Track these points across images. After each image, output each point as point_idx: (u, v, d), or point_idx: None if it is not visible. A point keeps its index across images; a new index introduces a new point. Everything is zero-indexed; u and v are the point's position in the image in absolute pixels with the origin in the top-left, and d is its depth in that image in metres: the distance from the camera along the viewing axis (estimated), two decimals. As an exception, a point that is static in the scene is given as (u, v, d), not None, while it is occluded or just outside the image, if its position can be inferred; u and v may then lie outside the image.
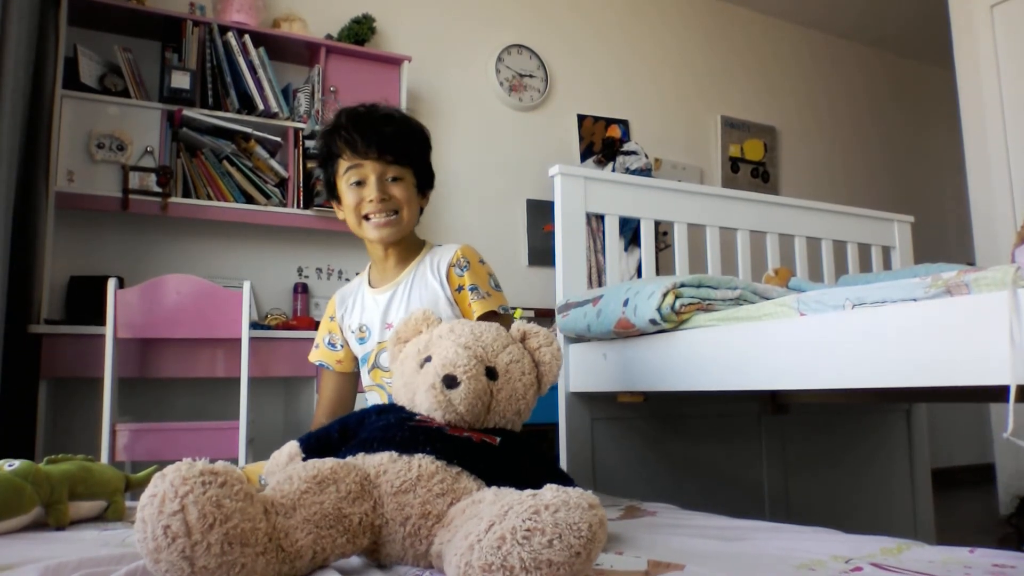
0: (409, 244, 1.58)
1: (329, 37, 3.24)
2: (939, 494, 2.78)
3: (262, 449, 2.29)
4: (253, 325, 2.52)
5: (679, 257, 2.31)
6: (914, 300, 1.22)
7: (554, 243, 2.10)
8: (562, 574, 0.70)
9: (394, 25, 3.55)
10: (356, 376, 1.66)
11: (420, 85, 3.56)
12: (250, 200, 2.93)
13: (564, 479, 1.17)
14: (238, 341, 2.35)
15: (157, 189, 2.73)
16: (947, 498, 3.66)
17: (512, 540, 0.71)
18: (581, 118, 4.01)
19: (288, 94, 3.09)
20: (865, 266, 2.75)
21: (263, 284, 3.11)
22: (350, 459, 0.99)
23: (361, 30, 3.30)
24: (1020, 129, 3.05)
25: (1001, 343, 1.05)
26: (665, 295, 1.63)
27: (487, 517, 0.75)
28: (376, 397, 1.56)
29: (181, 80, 2.80)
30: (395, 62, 3.30)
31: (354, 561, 0.95)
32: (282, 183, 3.00)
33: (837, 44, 5.11)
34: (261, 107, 2.96)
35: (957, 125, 3.29)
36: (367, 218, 1.49)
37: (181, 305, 2.32)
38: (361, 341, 1.59)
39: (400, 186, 1.49)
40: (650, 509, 1.42)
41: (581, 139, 3.98)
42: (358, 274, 1.71)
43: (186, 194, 2.82)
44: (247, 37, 2.97)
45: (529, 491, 0.77)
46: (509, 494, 0.81)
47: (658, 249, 2.81)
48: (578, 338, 2.00)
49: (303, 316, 3.06)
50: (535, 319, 3.44)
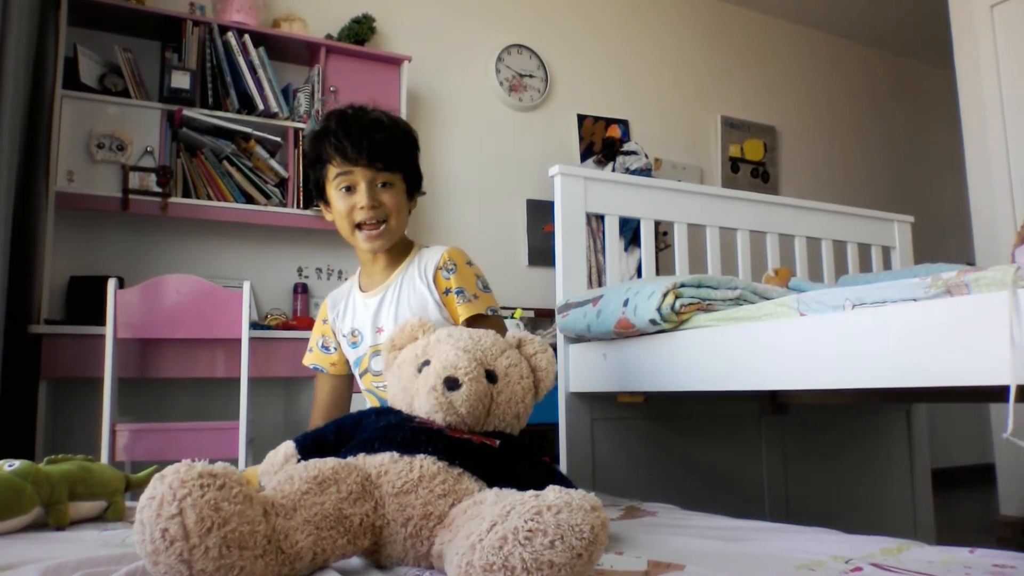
0: (398, 247, 1.57)
1: (329, 37, 3.23)
2: (939, 494, 2.78)
3: (262, 449, 2.28)
4: (253, 325, 2.52)
5: (679, 257, 2.31)
6: (914, 300, 1.22)
7: (554, 243, 2.10)
8: (563, 575, 0.70)
9: (394, 25, 3.55)
10: (351, 378, 1.66)
11: (420, 85, 3.56)
12: (250, 200, 2.93)
13: (564, 482, 1.17)
14: (238, 341, 2.35)
15: (157, 189, 2.72)
16: (947, 498, 3.66)
17: (514, 540, 0.71)
18: (581, 118, 4.01)
19: (288, 94, 3.09)
20: (865, 266, 2.75)
21: (263, 284, 3.11)
22: (351, 459, 0.99)
23: (361, 30, 3.30)
24: (1020, 129, 3.05)
25: (1001, 343, 1.05)
26: (665, 295, 1.63)
27: (489, 517, 0.75)
28: (369, 403, 1.56)
29: (181, 80, 2.79)
30: (395, 62, 3.29)
31: (354, 562, 0.95)
32: (282, 183, 3.00)
33: (837, 44, 5.11)
34: (261, 107, 2.96)
35: (957, 125, 3.29)
36: (359, 227, 1.48)
37: (181, 305, 2.32)
38: (353, 345, 1.58)
39: (390, 192, 1.48)
40: (650, 509, 1.43)
41: (581, 139, 3.98)
42: (347, 279, 1.70)
43: (186, 194, 2.82)
44: (247, 37, 2.97)
45: (531, 492, 0.77)
46: (511, 495, 0.81)
47: (658, 249, 2.81)
48: (578, 338, 2.00)
49: (303, 316, 3.06)
50: (535, 319, 3.45)
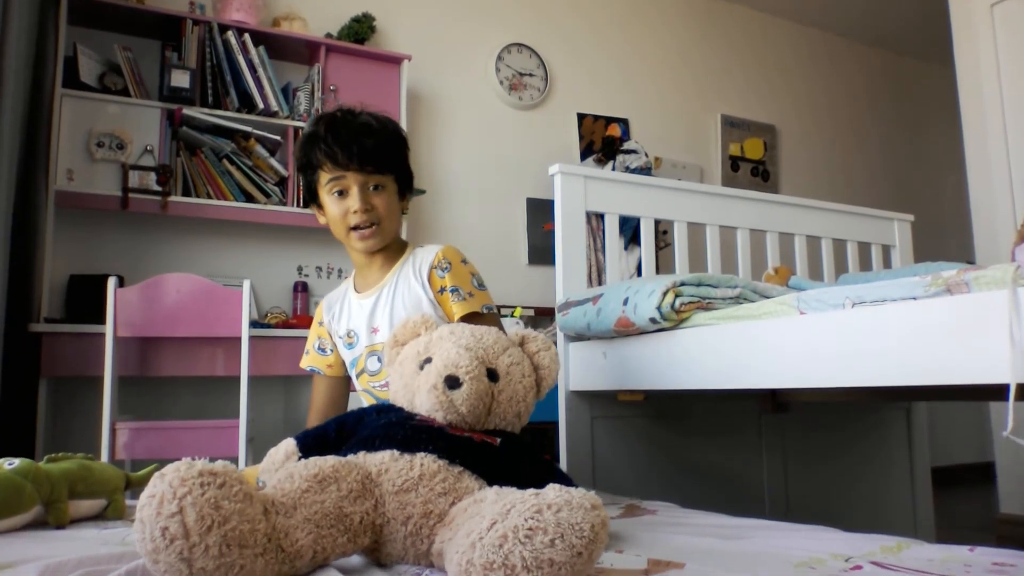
0: (392, 247, 1.58)
1: (329, 36, 3.23)
2: (939, 492, 2.78)
3: (262, 448, 2.28)
4: (253, 324, 2.52)
5: (679, 256, 2.31)
6: (914, 299, 1.22)
7: (554, 242, 2.10)
8: (563, 574, 0.70)
9: (394, 24, 3.55)
10: (347, 380, 1.66)
11: (420, 84, 3.56)
12: (250, 199, 2.93)
13: (565, 480, 1.17)
14: (238, 340, 2.35)
15: (157, 188, 2.72)
16: (947, 496, 3.66)
17: (514, 539, 0.71)
18: (581, 117, 4.01)
19: (288, 93, 3.09)
20: (865, 265, 2.75)
21: (263, 283, 3.10)
22: (351, 457, 0.99)
23: (361, 29, 3.30)
24: (1020, 129, 3.05)
25: (1001, 341, 1.05)
26: (665, 294, 1.63)
27: (489, 515, 0.75)
28: (365, 403, 1.56)
29: (181, 79, 2.79)
30: (395, 61, 3.29)
31: (354, 560, 0.95)
32: (282, 182, 3.00)
33: (837, 43, 5.10)
34: (261, 106, 2.96)
35: (957, 124, 3.29)
36: (354, 229, 1.49)
37: (181, 304, 2.32)
38: (349, 346, 1.59)
39: (382, 195, 1.48)
40: (650, 507, 1.43)
41: (581, 138, 3.98)
42: (345, 279, 1.70)
43: (186, 193, 2.81)
44: (247, 36, 2.97)
45: (532, 490, 0.77)
46: (511, 493, 0.81)
47: (658, 248, 2.81)
48: (578, 337, 2.00)
49: (303, 315, 3.06)
50: (535, 318, 3.45)
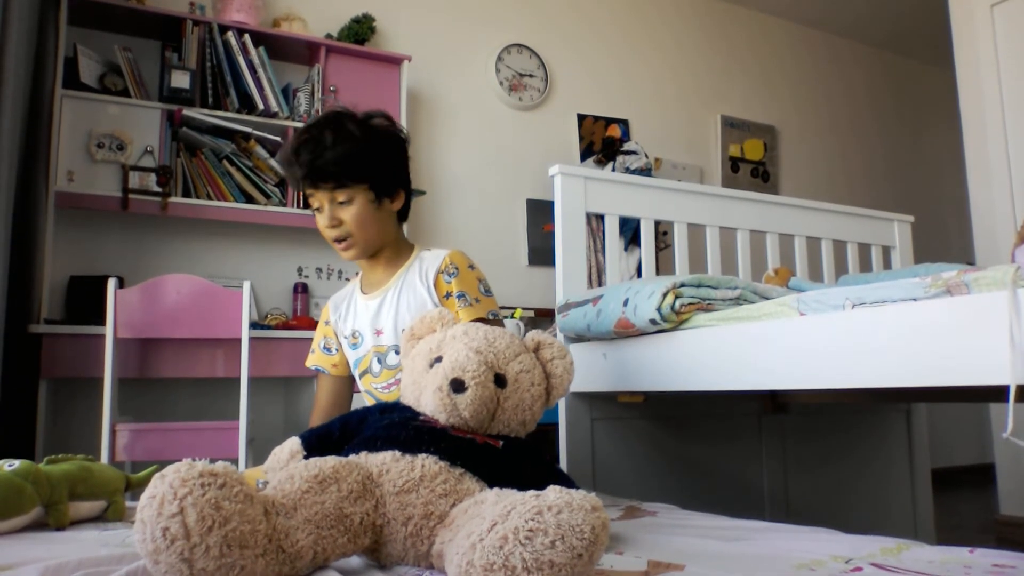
0: (397, 250, 1.59)
1: (329, 36, 3.23)
2: (939, 494, 2.78)
3: (262, 449, 2.28)
4: (253, 325, 2.52)
5: (679, 257, 2.31)
6: (914, 300, 1.22)
7: (554, 243, 2.10)
8: (564, 575, 0.70)
9: (394, 24, 3.55)
10: (352, 380, 1.67)
11: (420, 84, 3.56)
12: (250, 200, 2.93)
13: (566, 483, 1.17)
14: (238, 341, 2.35)
15: (157, 189, 2.72)
16: (947, 498, 3.66)
17: (514, 540, 0.71)
18: (581, 117, 4.01)
19: (288, 93, 3.09)
20: (865, 266, 2.75)
21: (263, 284, 3.10)
22: (352, 458, 0.99)
23: (361, 29, 3.30)
24: (1020, 128, 3.05)
25: (1001, 343, 1.05)
26: (665, 295, 1.63)
27: (489, 517, 0.75)
28: (367, 404, 1.56)
29: (181, 80, 2.79)
30: (395, 61, 3.29)
31: (354, 561, 0.95)
32: (282, 183, 3.00)
33: (837, 43, 5.11)
34: (261, 107, 2.96)
35: (957, 125, 3.29)
36: (335, 241, 1.51)
37: (181, 305, 2.32)
38: (354, 347, 1.60)
39: (349, 209, 1.48)
40: (650, 509, 1.43)
41: (581, 139, 3.98)
42: (355, 275, 1.71)
43: (186, 194, 2.81)
44: (247, 36, 2.96)
45: (532, 492, 0.77)
46: (512, 495, 0.81)
47: (658, 249, 2.81)
48: (578, 338, 2.00)
49: (303, 316, 3.06)
50: (535, 319, 3.45)
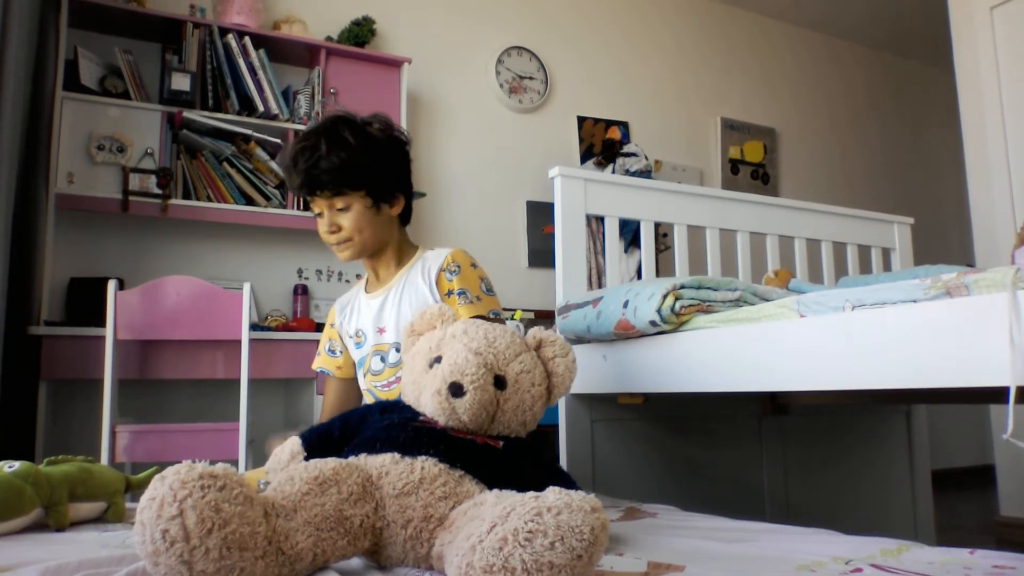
0: (400, 251, 1.61)
1: (329, 39, 3.24)
2: (939, 495, 2.78)
3: (262, 451, 2.28)
4: (253, 327, 2.52)
5: (679, 259, 2.31)
6: (914, 302, 1.22)
7: (554, 245, 2.10)
8: (563, 576, 0.70)
9: (394, 27, 3.55)
10: (357, 381, 1.68)
11: (420, 87, 3.56)
12: (250, 202, 2.93)
13: (567, 482, 1.17)
14: (238, 342, 2.35)
15: (157, 191, 2.72)
16: (947, 499, 3.66)
17: (514, 541, 0.71)
18: (581, 120, 4.01)
19: (288, 96, 3.09)
20: (865, 268, 2.75)
21: (263, 286, 3.10)
22: (352, 459, 0.99)
23: (361, 32, 3.30)
24: (1020, 130, 3.05)
25: (1001, 344, 1.05)
26: (665, 296, 1.63)
27: (489, 518, 0.75)
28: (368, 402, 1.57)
29: (181, 82, 2.79)
30: (395, 64, 3.30)
31: (354, 563, 0.95)
32: (282, 185, 2.99)
33: (837, 45, 5.11)
34: (261, 109, 2.96)
35: (957, 126, 3.29)
36: (335, 244, 1.55)
37: (181, 306, 2.32)
38: (358, 346, 1.62)
39: (347, 215, 1.51)
40: (650, 510, 1.43)
41: (581, 141, 3.98)
42: (358, 276, 1.72)
43: (186, 196, 2.82)
44: (247, 39, 2.97)
45: (531, 493, 0.77)
46: (511, 496, 0.81)
47: (658, 251, 2.82)
48: (578, 339, 2.00)
49: (303, 318, 3.06)
50: (535, 320, 3.45)
